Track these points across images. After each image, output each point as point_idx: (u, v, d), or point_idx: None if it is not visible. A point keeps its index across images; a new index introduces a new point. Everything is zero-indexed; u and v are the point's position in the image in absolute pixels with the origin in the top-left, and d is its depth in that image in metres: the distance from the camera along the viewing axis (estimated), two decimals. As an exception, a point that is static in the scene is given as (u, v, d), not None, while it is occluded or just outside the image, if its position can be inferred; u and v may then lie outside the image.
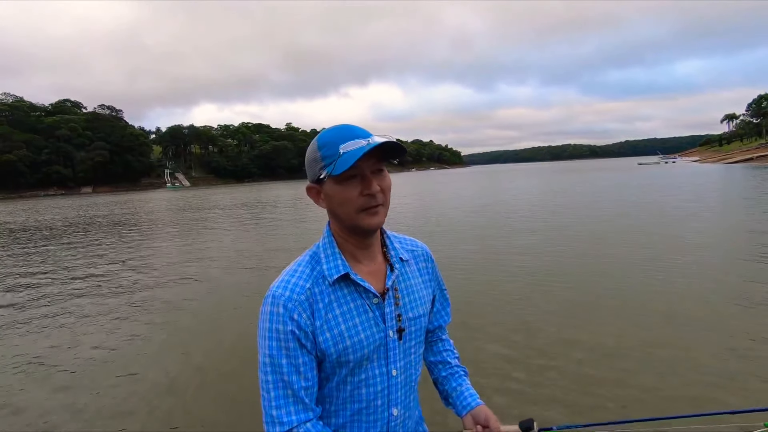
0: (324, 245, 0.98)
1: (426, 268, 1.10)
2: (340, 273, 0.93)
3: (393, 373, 0.98)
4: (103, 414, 3.52)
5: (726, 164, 56.98)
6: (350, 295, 0.95)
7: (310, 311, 0.91)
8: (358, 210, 0.91)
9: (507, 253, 8.65)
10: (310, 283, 0.93)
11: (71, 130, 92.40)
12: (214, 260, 9.83)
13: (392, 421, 0.99)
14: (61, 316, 6.18)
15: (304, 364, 0.90)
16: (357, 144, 0.87)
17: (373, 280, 0.97)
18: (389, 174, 0.95)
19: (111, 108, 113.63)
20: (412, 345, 1.01)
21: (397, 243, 1.07)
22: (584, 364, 3.82)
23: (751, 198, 16.59)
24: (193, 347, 4.83)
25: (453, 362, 1.17)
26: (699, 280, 6.12)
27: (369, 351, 0.94)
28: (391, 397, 0.98)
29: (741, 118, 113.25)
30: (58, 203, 46.11)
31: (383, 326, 0.96)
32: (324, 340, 0.91)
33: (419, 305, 1.03)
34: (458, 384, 1.13)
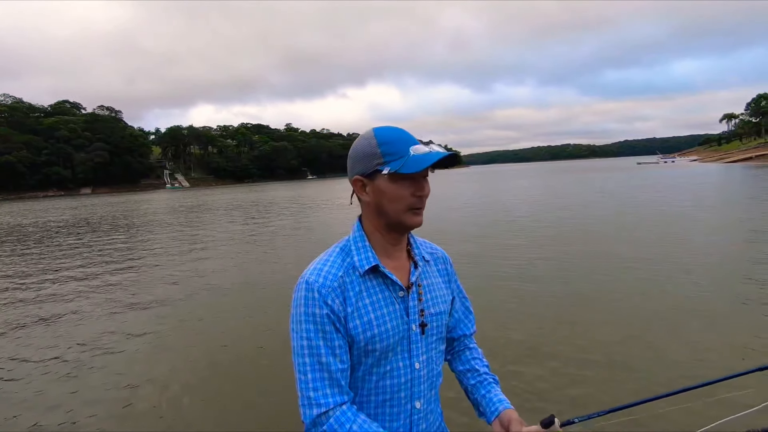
0: (355, 239, 1.03)
1: (445, 269, 1.15)
2: (371, 264, 0.99)
3: (416, 366, 1.01)
4: (96, 415, 3.52)
5: (725, 164, 57.01)
6: (378, 286, 1.00)
7: (342, 297, 0.96)
8: (407, 209, 0.97)
9: (507, 247, 8.67)
10: (342, 272, 0.98)
11: (71, 131, 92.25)
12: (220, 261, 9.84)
13: (415, 414, 1.02)
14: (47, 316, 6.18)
15: (339, 347, 0.94)
16: (423, 149, 0.95)
17: (399, 275, 1.03)
18: None
19: (110, 109, 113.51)
20: (433, 340, 1.05)
21: (420, 244, 1.13)
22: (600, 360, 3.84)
23: (754, 197, 16.61)
24: (195, 346, 4.83)
25: (482, 370, 1.17)
26: (689, 276, 6.14)
27: (394, 342, 0.98)
28: (414, 389, 1.01)
29: (740, 117, 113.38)
30: (55, 205, 46.08)
31: (407, 319, 1.01)
32: (354, 326, 0.95)
33: (440, 302, 1.08)
34: (487, 391, 1.13)
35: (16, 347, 5.10)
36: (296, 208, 23.24)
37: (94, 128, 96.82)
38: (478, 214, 16.71)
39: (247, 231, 15.09)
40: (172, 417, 3.42)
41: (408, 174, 0.95)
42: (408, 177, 0.96)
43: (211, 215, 22.63)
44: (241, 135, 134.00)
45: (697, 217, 12.19)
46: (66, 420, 3.45)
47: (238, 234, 14.46)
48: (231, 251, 11.00)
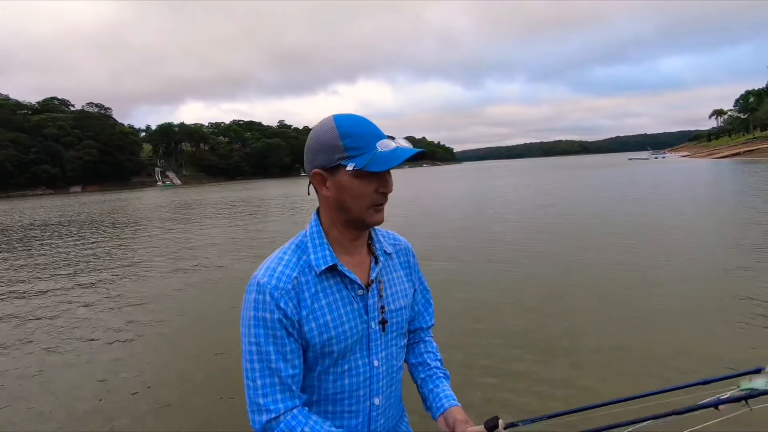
0: (312, 235, 0.97)
1: (407, 262, 1.11)
2: (328, 264, 0.93)
3: (375, 364, 0.99)
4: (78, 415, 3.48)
5: (714, 159, 57.66)
6: (336, 285, 0.95)
7: (296, 300, 0.91)
8: (370, 206, 0.92)
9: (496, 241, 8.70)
10: (296, 272, 0.93)
11: (59, 128, 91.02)
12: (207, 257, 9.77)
13: (374, 411, 1.00)
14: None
15: (291, 352, 0.91)
16: (390, 145, 0.90)
17: (358, 272, 0.98)
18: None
19: (99, 106, 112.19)
20: (393, 337, 1.03)
21: (382, 237, 1.08)
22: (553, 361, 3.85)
23: (742, 192, 16.80)
24: (183, 345, 4.79)
25: (433, 364, 1.14)
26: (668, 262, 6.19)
27: (352, 342, 0.95)
28: (372, 387, 0.99)
29: (729, 113, 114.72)
30: (43, 203, 45.49)
31: (366, 317, 0.97)
32: (309, 329, 0.91)
33: (401, 297, 1.05)
34: (435, 386, 1.11)
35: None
36: (289, 207, 23.12)
37: (83, 126, 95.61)
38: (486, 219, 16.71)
39: (239, 233, 14.99)
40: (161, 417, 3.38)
41: (377, 172, 0.89)
42: (374, 173, 0.90)
43: (200, 212, 22.46)
44: (233, 132, 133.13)
45: (686, 214, 12.31)
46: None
47: (225, 236, 14.35)
48: (219, 251, 10.91)
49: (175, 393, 3.69)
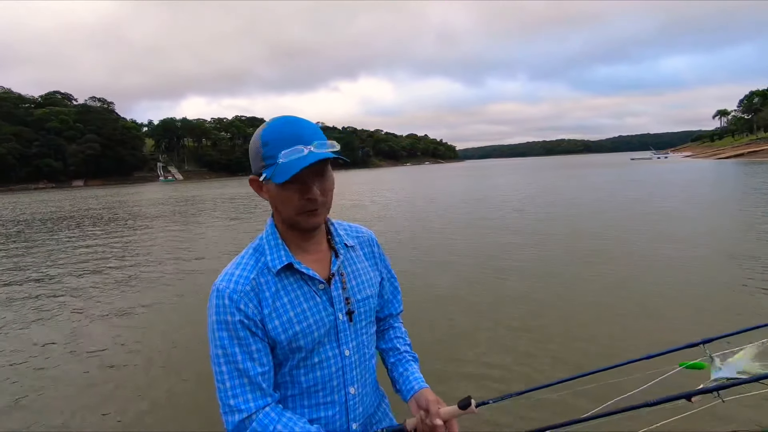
0: (267, 237, 0.99)
1: (372, 252, 1.14)
2: (283, 263, 0.95)
3: (346, 353, 1.01)
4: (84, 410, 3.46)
5: (717, 160, 57.45)
6: (296, 282, 0.97)
7: (256, 300, 0.93)
8: (298, 212, 0.92)
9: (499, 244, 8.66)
10: (254, 274, 0.95)
11: (62, 122, 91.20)
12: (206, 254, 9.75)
13: (350, 400, 1.02)
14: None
15: (257, 351, 0.92)
16: (296, 152, 0.87)
17: (319, 267, 1.00)
18: (335, 174, 0.98)
19: (102, 100, 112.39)
20: (362, 326, 1.05)
21: (342, 230, 1.10)
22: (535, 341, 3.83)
23: (747, 193, 16.72)
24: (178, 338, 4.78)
25: (402, 348, 1.17)
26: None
27: (320, 334, 0.97)
28: (346, 376, 1.01)
29: (733, 114, 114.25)
30: (45, 197, 45.58)
31: (332, 309, 0.99)
32: (273, 327, 0.93)
33: (367, 287, 1.07)
34: (404, 369, 1.13)
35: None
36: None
37: (85, 120, 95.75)
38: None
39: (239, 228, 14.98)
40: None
41: (295, 178, 0.87)
42: (296, 181, 0.88)
43: (201, 208, 22.46)
44: (235, 128, 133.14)
45: (686, 216, 12.24)
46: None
47: (225, 231, 14.35)
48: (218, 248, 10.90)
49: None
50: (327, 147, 0.90)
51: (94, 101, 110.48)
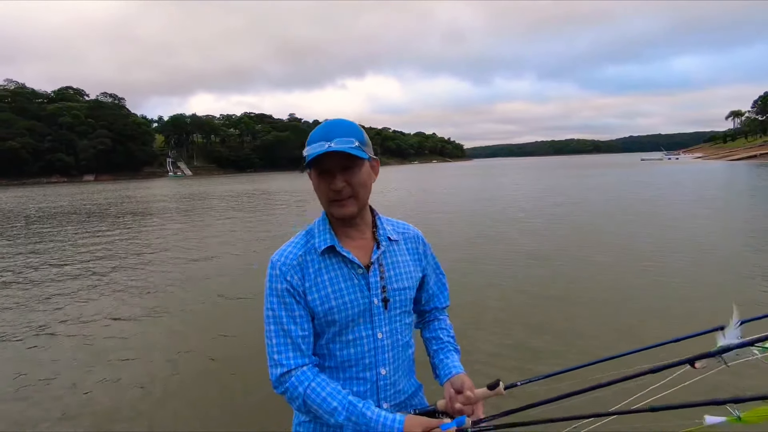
0: (318, 222, 1.15)
1: (416, 249, 1.22)
2: (326, 245, 1.09)
3: (379, 336, 1.11)
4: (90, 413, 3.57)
5: (729, 161, 56.67)
6: (337, 264, 1.10)
7: (301, 274, 1.08)
8: (328, 202, 1.07)
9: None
10: (302, 252, 1.10)
11: (74, 117, 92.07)
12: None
13: (381, 380, 1.12)
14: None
15: (300, 317, 1.07)
16: (318, 146, 1.02)
17: (360, 254, 1.12)
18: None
19: (113, 96, 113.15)
20: (397, 313, 1.15)
21: (389, 225, 1.20)
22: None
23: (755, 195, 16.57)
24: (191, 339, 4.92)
25: (445, 338, 1.26)
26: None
27: (354, 314, 1.09)
28: (378, 357, 1.11)
29: (746, 115, 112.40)
30: (57, 191, 46.24)
31: (368, 293, 1.10)
32: (312, 299, 1.07)
33: (405, 279, 1.16)
34: (444, 356, 1.22)
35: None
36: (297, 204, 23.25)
37: (97, 115, 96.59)
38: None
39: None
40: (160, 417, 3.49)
41: (320, 169, 1.05)
42: (323, 172, 1.05)
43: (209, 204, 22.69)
44: (243, 124, 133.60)
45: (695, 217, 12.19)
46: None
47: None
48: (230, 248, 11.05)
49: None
50: (346, 144, 1.01)
51: (105, 97, 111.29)
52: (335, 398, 1.03)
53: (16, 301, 6.39)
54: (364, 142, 1.07)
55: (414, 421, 1.00)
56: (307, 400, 1.03)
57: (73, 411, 3.37)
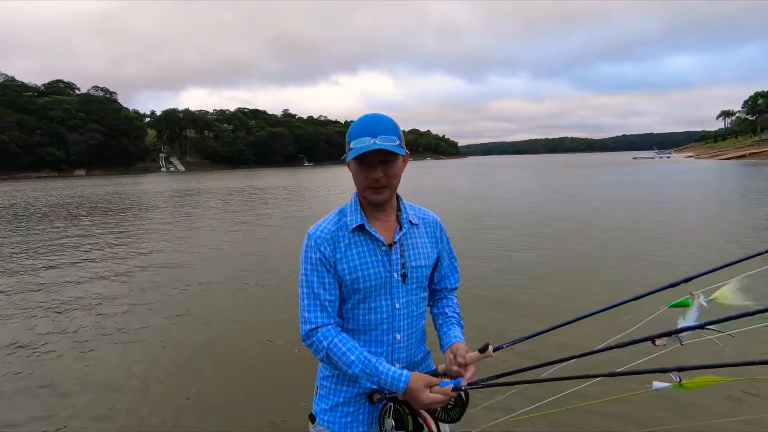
0: (351, 203, 1.30)
1: (434, 233, 1.38)
2: (357, 223, 1.25)
3: (396, 306, 1.27)
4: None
5: (719, 161, 57.35)
6: (365, 241, 1.26)
7: (333, 247, 1.24)
8: (365, 188, 1.23)
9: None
10: (335, 228, 1.26)
11: (64, 111, 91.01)
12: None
13: (396, 344, 1.28)
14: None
15: (329, 283, 1.23)
16: (364, 141, 1.17)
17: (385, 234, 1.28)
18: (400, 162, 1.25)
19: (105, 90, 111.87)
20: (413, 288, 1.30)
21: (412, 211, 1.35)
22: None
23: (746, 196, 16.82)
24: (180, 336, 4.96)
25: (450, 314, 1.42)
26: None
27: (376, 284, 1.25)
28: (394, 324, 1.27)
29: (737, 115, 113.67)
30: (51, 185, 45.69)
31: (389, 268, 1.26)
32: (342, 269, 1.23)
33: (422, 258, 1.32)
34: (448, 329, 1.38)
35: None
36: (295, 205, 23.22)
37: (88, 109, 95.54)
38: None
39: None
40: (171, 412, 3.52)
41: (360, 160, 1.19)
42: (365, 162, 1.19)
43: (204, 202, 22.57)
44: (237, 120, 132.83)
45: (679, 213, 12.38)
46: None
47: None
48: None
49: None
50: (389, 142, 1.17)
51: (96, 91, 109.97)
52: (353, 353, 1.20)
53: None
54: (401, 138, 1.21)
55: (418, 377, 1.18)
56: (329, 353, 1.20)
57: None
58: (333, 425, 1.28)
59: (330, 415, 1.29)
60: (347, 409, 1.28)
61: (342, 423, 1.27)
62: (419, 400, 1.15)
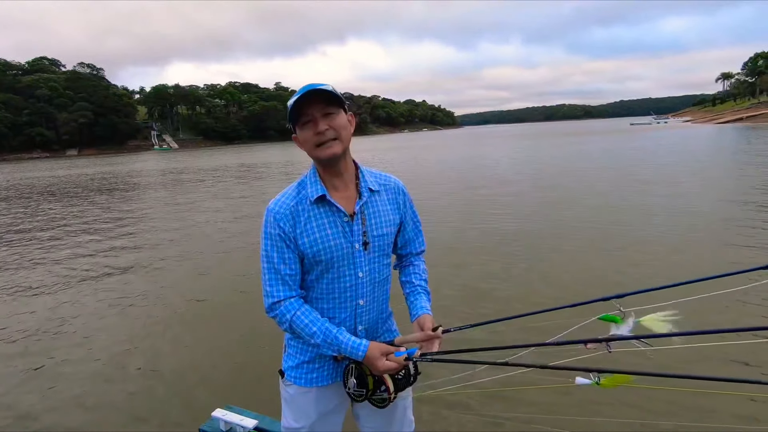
0: (309, 175, 1.31)
1: (395, 199, 1.38)
2: (318, 194, 1.26)
3: (359, 275, 1.30)
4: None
5: (716, 124, 56.95)
6: (325, 212, 1.27)
7: (292, 222, 1.25)
8: (314, 146, 1.22)
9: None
10: (294, 202, 1.27)
11: (51, 89, 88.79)
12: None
13: (359, 308, 1.33)
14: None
15: (289, 258, 1.26)
16: (297, 95, 1.18)
17: (345, 204, 1.28)
18: (343, 117, 1.25)
19: (91, 66, 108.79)
20: (376, 256, 1.33)
21: (371, 177, 1.35)
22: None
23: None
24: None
25: (417, 282, 1.45)
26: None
27: (338, 256, 1.27)
28: (357, 291, 1.31)
29: (736, 77, 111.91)
30: (40, 166, 45.20)
31: (351, 239, 1.27)
32: (302, 243, 1.25)
33: (384, 226, 1.34)
34: (415, 299, 1.41)
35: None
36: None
37: (75, 87, 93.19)
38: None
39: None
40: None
41: (303, 120, 1.21)
42: (307, 121, 1.21)
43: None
44: (228, 94, 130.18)
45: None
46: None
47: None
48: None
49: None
50: (322, 86, 1.17)
51: (83, 67, 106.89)
52: (315, 324, 1.26)
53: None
54: (341, 95, 1.22)
55: (375, 346, 1.24)
56: (292, 324, 1.26)
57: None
58: (299, 381, 1.36)
59: (297, 371, 1.37)
60: (313, 365, 1.36)
61: (308, 378, 1.36)
62: (376, 366, 1.23)
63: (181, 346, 3.96)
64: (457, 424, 2.65)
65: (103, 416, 2.95)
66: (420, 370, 1.35)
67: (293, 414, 1.39)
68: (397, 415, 1.43)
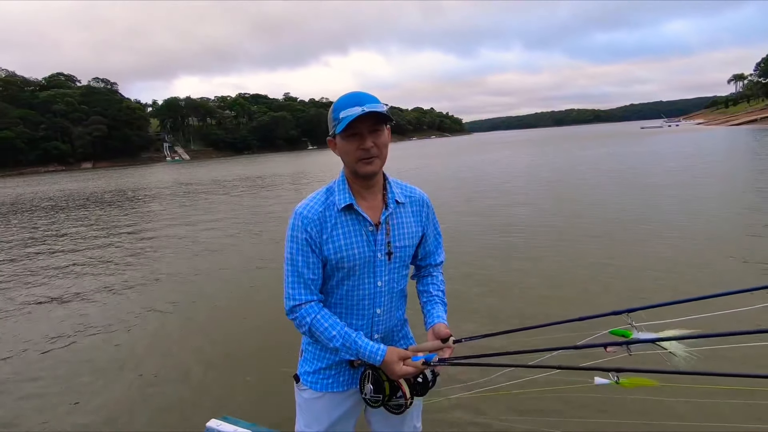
0: (338, 182, 1.31)
1: (420, 211, 1.40)
2: (346, 203, 1.27)
3: (378, 284, 1.32)
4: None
5: (730, 127, 56.08)
6: (352, 221, 1.28)
7: (319, 227, 1.26)
8: (356, 160, 1.23)
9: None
10: (322, 208, 1.28)
11: (67, 104, 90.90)
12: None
13: (375, 317, 1.35)
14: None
15: (312, 263, 1.27)
16: (353, 110, 1.17)
17: (372, 213, 1.30)
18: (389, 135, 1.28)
19: (105, 81, 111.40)
20: (397, 266, 1.35)
21: (398, 188, 1.37)
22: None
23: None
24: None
25: (434, 292, 1.46)
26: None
27: (360, 263, 1.28)
28: (375, 300, 1.33)
29: (749, 78, 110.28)
30: (53, 180, 46.02)
31: (374, 248, 1.29)
32: (327, 249, 1.26)
33: (407, 237, 1.35)
34: (431, 308, 1.43)
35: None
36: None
37: (90, 101, 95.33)
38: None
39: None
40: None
41: (349, 132, 1.19)
42: (354, 134, 1.20)
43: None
44: (238, 106, 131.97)
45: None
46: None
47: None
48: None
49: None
50: (378, 108, 1.17)
51: (97, 82, 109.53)
52: (334, 328, 1.26)
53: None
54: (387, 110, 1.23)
55: (393, 351, 1.26)
56: (312, 328, 1.27)
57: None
58: (315, 385, 1.37)
59: (313, 376, 1.38)
60: (329, 372, 1.37)
61: (324, 384, 1.37)
62: (393, 371, 1.24)
63: (177, 356, 3.92)
64: (474, 426, 2.64)
65: (98, 425, 2.95)
66: (438, 376, 1.35)
67: (305, 419, 1.41)
68: (406, 420, 1.44)
